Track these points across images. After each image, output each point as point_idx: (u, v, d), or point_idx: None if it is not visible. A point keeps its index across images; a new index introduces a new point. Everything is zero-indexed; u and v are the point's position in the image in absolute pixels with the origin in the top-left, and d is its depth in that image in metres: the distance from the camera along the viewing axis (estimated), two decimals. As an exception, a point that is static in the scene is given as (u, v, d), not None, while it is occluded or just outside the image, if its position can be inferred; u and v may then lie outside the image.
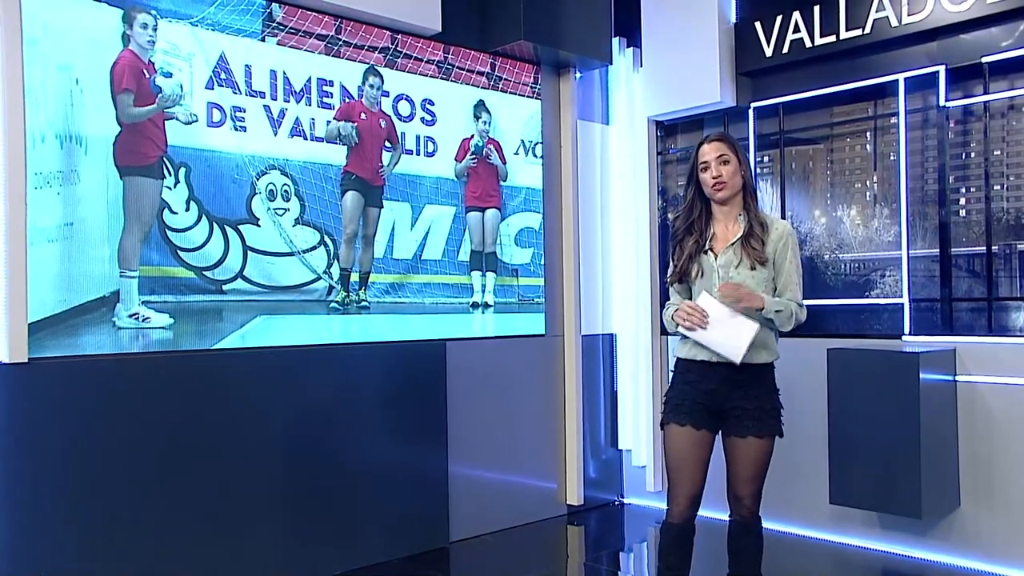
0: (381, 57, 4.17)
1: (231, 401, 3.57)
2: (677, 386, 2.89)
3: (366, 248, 4.10)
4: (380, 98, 4.16)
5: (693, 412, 2.81)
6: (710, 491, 2.87)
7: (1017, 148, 3.97)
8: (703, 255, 2.83)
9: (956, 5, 3.87)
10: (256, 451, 3.64)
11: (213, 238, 3.57)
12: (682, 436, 2.81)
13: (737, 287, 2.71)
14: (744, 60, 4.66)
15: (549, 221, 4.93)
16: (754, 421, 2.80)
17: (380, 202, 4.15)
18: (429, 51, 4.38)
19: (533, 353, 4.82)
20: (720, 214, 2.87)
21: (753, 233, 2.80)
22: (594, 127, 5.17)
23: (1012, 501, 3.75)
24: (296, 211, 3.84)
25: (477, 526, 4.49)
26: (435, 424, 4.31)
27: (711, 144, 2.85)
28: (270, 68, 3.76)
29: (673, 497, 2.86)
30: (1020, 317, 3.96)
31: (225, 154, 3.60)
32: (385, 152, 4.19)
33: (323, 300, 3.94)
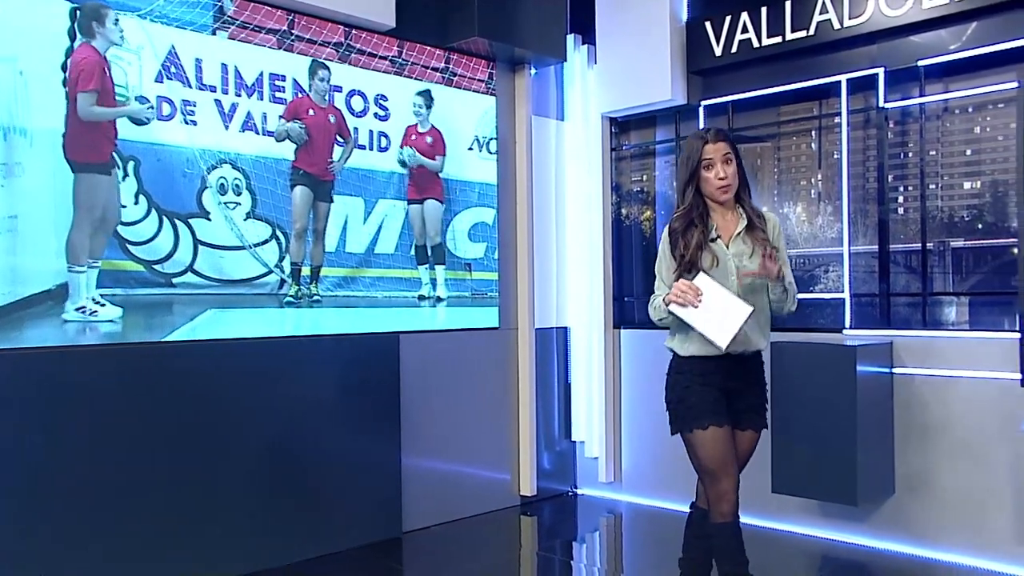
0: (334, 52, 4.19)
1: (182, 394, 3.59)
2: (698, 389, 2.80)
3: (316, 242, 4.13)
4: (330, 92, 4.18)
5: (719, 411, 2.79)
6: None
7: (951, 149, 4.11)
8: (712, 244, 2.78)
9: (894, 9, 3.99)
10: (208, 444, 3.66)
11: (163, 231, 3.58)
12: (720, 437, 2.78)
13: (777, 256, 2.70)
14: (695, 59, 4.75)
15: (503, 216, 4.99)
16: (756, 415, 2.88)
17: (330, 197, 4.18)
18: (383, 47, 4.41)
19: (487, 346, 4.88)
20: (717, 209, 2.85)
21: (755, 223, 2.81)
22: (549, 123, 5.23)
23: (944, 489, 3.89)
24: (248, 205, 3.86)
25: (430, 516, 4.55)
26: (388, 416, 4.36)
27: (715, 144, 2.77)
28: (221, 62, 3.77)
29: (722, 495, 2.81)
30: (953, 312, 4.11)
31: (175, 148, 3.61)
32: (337, 147, 4.22)
33: (275, 294, 3.97)
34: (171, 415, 3.55)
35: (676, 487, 4.81)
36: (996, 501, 3.73)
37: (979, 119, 4.04)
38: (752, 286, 2.77)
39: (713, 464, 2.80)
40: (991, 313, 3.95)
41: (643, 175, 5.30)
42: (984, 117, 4.02)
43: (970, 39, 3.88)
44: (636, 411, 5.06)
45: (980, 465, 3.79)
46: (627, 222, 5.33)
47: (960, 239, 4.09)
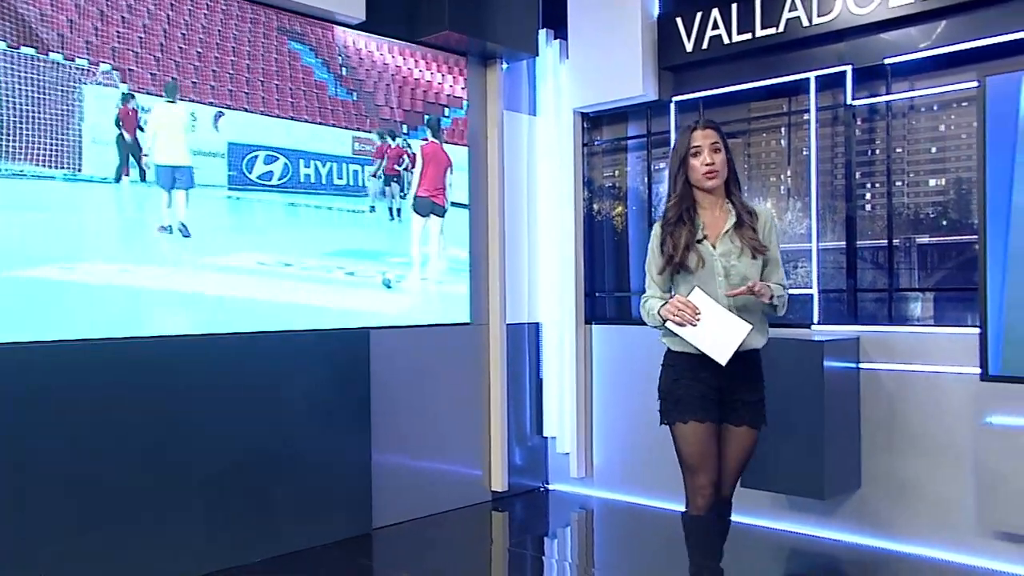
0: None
1: (148, 391, 3.55)
2: (686, 383, 2.84)
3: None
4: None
5: (708, 408, 2.83)
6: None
7: (916, 147, 4.16)
8: (699, 245, 2.80)
9: (861, 8, 4.02)
10: (177, 441, 3.62)
11: (127, 227, 3.52)
12: (702, 432, 2.82)
13: (764, 285, 2.71)
14: (666, 55, 4.76)
15: (475, 211, 4.97)
16: (752, 412, 2.88)
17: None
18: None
19: (458, 342, 4.87)
20: (706, 203, 2.85)
21: (744, 220, 2.81)
22: (521, 118, 5.22)
23: (910, 482, 3.95)
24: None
25: (401, 512, 4.53)
26: (359, 412, 4.33)
27: (704, 131, 2.81)
28: (186, 55, 3.73)
29: (698, 489, 2.85)
30: (918, 307, 4.16)
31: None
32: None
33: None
34: (137, 412, 3.51)
35: (647, 482, 4.85)
36: (959, 494, 3.79)
37: (944, 117, 4.08)
38: (743, 286, 2.77)
39: (691, 459, 2.84)
40: (955, 308, 4.00)
41: (615, 170, 5.30)
42: (949, 115, 4.06)
43: (934, 38, 3.92)
44: (607, 407, 5.08)
45: (944, 458, 3.84)
46: (599, 218, 5.33)
47: (925, 235, 4.14)
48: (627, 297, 5.21)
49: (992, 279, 3.39)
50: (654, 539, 4.39)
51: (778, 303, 2.82)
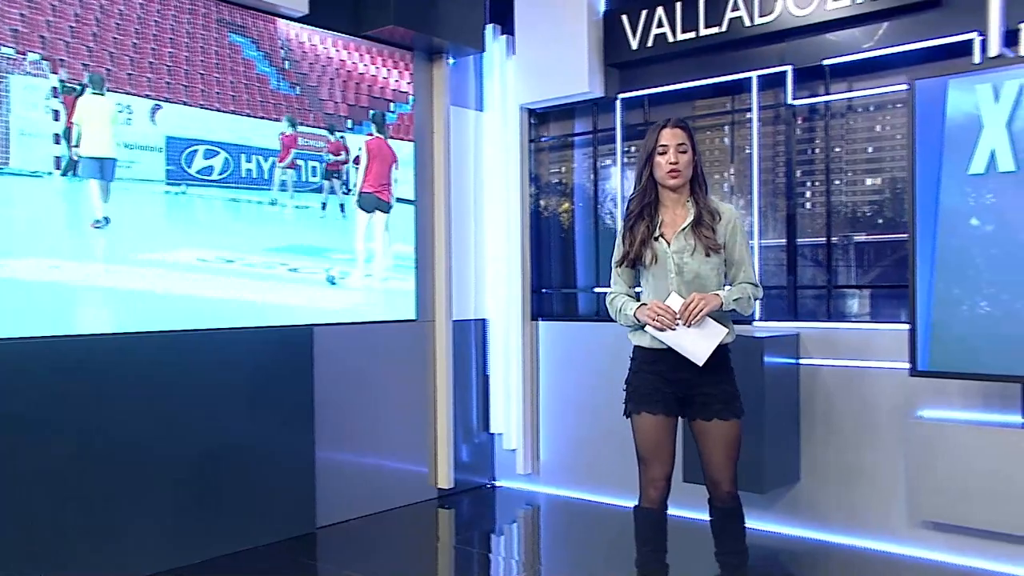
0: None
1: (88, 390, 3.48)
2: (644, 375, 2.91)
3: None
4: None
5: (664, 400, 2.87)
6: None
7: (854, 146, 4.24)
8: (654, 241, 2.86)
9: (801, 9, 4.08)
10: (116, 441, 3.55)
11: (58, 222, 3.42)
12: (655, 424, 2.87)
13: (702, 299, 2.75)
14: (612, 52, 4.78)
15: (421, 207, 4.94)
16: (720, 405, 2.88)
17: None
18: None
19: (404, 338, 4.84)
20: (668, 200, 2.90)
21: (703, 220, 2.85)
22: (468, 113, 5.20)
23: (847, 475, 4.03)
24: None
25: (345, 511, 4.50)
26: (302, 410, 4.29)
27: (672, 130, 2.85)
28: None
29: (649, 482, 2.91)
30: (856, 304, 4.25)
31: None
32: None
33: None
34: (71, 412, 3.43)
35: (594, 478, 4.89)
36: (892, 485, 3.89)
37: (880, 118, 4.17)
38: (697, 285, 2.84)
39: (643, 450, 2.91)
40: (890, 305, 4.09)
41: (562, 167, 5.32)
42: (884, 116, 4.15)
43: (872, 41, 3.99)
44: (554, 403, 5.09)
45: (878, 451, 3.94)
46: (546, 214, 5.34)
47: (863, 233, 4.22)
48: (574, 294, 5.23)
49: (921, 277, 3.47)
50: (600, 535, 4.42)
51: (736, 306, 2.87)
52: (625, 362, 4.61)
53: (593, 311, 5.09)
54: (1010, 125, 3.23)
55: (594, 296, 5.07)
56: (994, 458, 3.42)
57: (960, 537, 3.67)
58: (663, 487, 2.91)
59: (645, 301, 2.91)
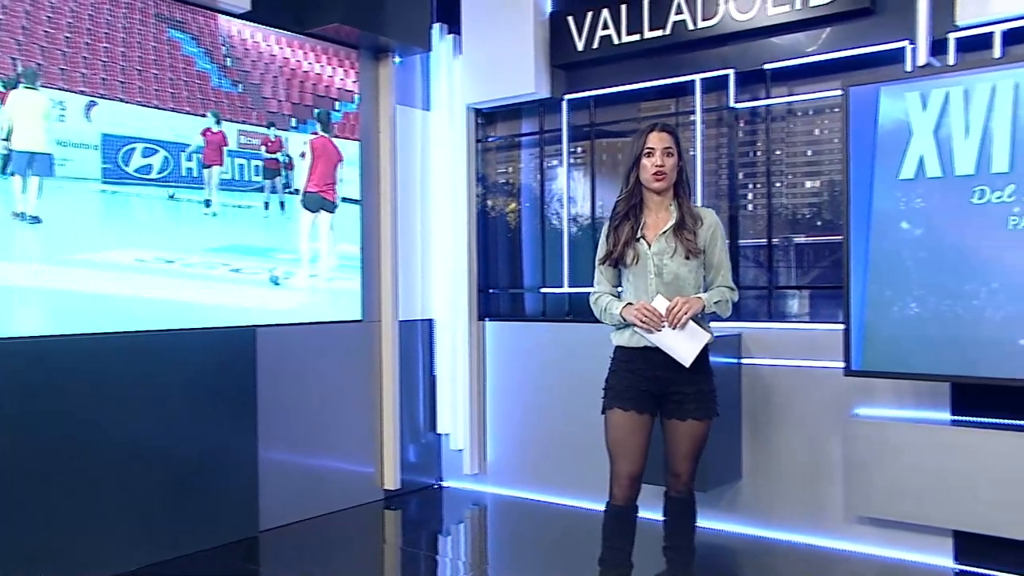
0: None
1: (24, 393, 3.39)
2: (620, 374, 2.98)
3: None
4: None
5: (637, 398, 2.93)
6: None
7: (794, 149, 4.31)
8: (636, 243, 2.94)
9: (742, 14, 4.14)
10: (51, 443, 3.46)
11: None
12: (626, 420, 2.93)
13: (686, 303, 2.84)
14: (558, 53, 4.79)
15: (367, 207, 4.90)
16: (695, 404, 2.94)
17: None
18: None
19: (349, 339, 4.80)
20: (652, 203, 2.98)
21: (685, 224, 2.93)
22: (414, 113, 5.17)
23: (788, 473, 4.11)
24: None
25: (290, 513, 4.45)
26: (244, 412, 4.23)
27: (659, 133, 2.94)
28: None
29: (615, 478, 2.98)
30: (796, 304, 4.33)
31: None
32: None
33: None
34: (11, 414, 3.35)
35: (541, 478, 4.91)
36: (829, 482, 3.97)
37: (818, 122, 4.25)
38: (676, 286, 2.92)
39: (612, 446, 2.98)
40: (829, 306, 4.17)
41: (509, 167, 5.32)
42: (823, 120, 4.23)
43: (809, 46, 4.06)
44: (501, 403, 5.10)
45: (816, 449, 4.02)
46: (493, 214, 5.34)
47: (802, 235, 4.30)
48: (521, 294, 5.24)
49: (855, 279, 3.55)
50: (547, 534, 4.43)
51: (716, 309, 2.98)
52: (572, 362, 4.72)
53: (540, 311, 5.11)
54: (937, 132, 3.32)
55: (541, 296, 5.09)
56: (925, 454, 3.52)
57: (893, 531, 3.76)
58: (628, 485, 2.97)
59: (629, 300, 2.98)
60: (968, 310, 3.29)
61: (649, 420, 2.97)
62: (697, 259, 2.95)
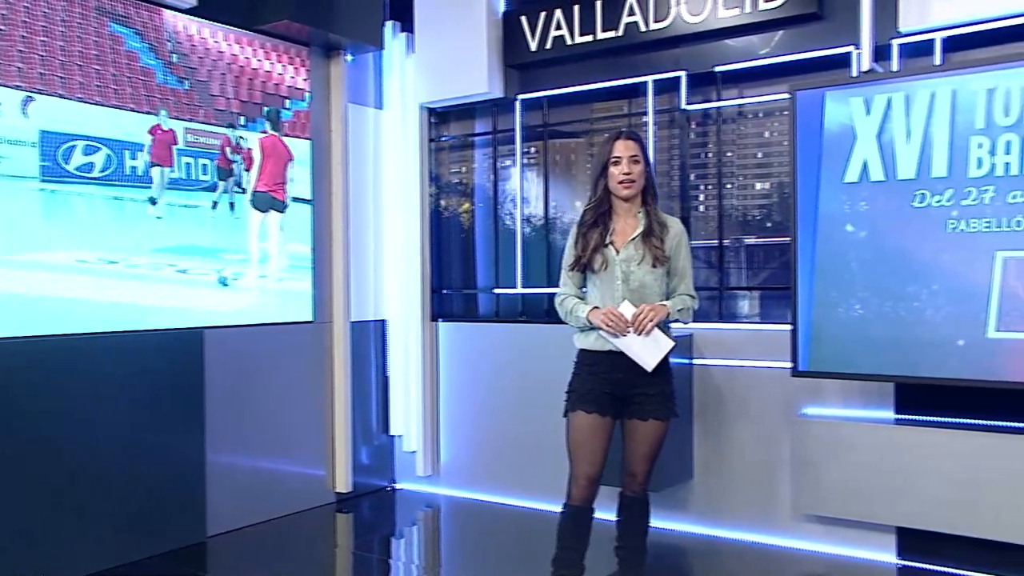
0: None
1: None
2: (583, 377, 3.01)
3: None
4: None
5: (599, 400, 2.96)
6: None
7: (744, 151, 4.36)
8: (605, 248, 2.98)
9: (693, 16, 4.17)
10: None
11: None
12: (587, 422, 2.96)
13: (652, 310, 2.89)
14: (511, 53, 4.78)
15: (318, 206, 4.84)
16: (656, 405, 2.98)
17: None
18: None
19: (300, 340, 4.74)
20: (621, 209, 3.03)
21: (653, 231, 2.98)
22: (367, 111, 5.12)
23: (738, 472, 4.15)
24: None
25: (238, 518, 4.38)
26: (191, 415, 4.16)
27: (625, 142, 2.99)
28: (-13, 35, 3.42)
29: (575, 479, 3.00)
30: (746, 305, 4.37)
31: None
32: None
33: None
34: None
35: (494, 479, 4.89)
36: (778, 481, 4.02)
37: (768, 124, 4.30)
38: (641, 293, 2.96)
39: (573, 448, 3.00)
40: (778, 306, 4.22)
41: (462, 167, 5.29)
42: (772, 123, 4.28)
43: (758, 49, 4.10)
44: (454, 404, 5.07)
45: (766, 448, 4.06)
46: (446, 214, 5.31)
47: (753, 236, 4.35)
48: (474, 294, 5.22)
49: (802, 280, 3.60)
50: (501, 536, 4.43)
51: (679, 316, 3.04)
52: (526, 362, 4.71)
53: (493, 312, 5.09)
54: (880, 137, 3.38)
55: (494, 297, 5.07)
56: (870, 453, 3.58)
57: (840, 528, 3.82)
58: (586, 486, 2.99)
59: (596, 305, 3.01)
60: (910, 311, 3.36)
61: (611, 423, 3.01)
62: (663, 266, 3.00)
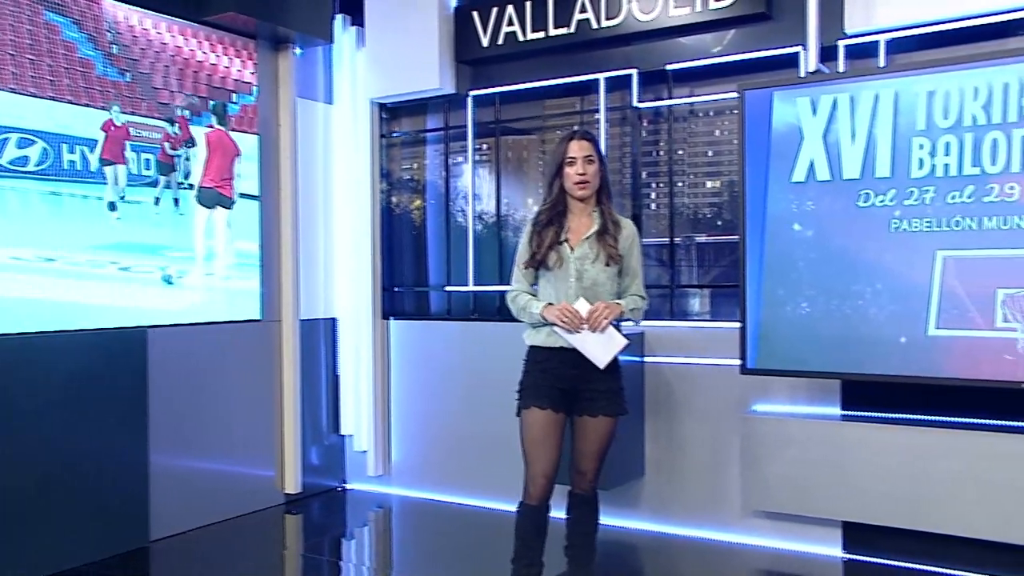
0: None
1: None
2: (534, 374, 3.01)
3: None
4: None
5: (551, 396, 2.96)
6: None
7: (695, 150, 4.38)
8: (560, 246, 2.98)
9: (645, 15, 4.17)
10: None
11: None
12: (541, 419, 2.96)
13: (607, 308, 2.90)
14: (463, 48, 4.73)
15: (267, 202, 4.75)
16: (606, 401, 2.99)
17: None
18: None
19: (248, 339, 4.64)
20: (576, 208, 3.04)
21: (608, 230, 3.01)
22: (316, 106, 5.03)
23: (689, 469, 4.17)
24: None
25: (183, 521, 4.29)
26: (134, 416, 4.05)
27: (579, 142, 3.00)
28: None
29: (531, 478, 2.99)
30: (697, 303, 4.40)
31: None
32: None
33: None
34: None
35: (446, 478, 4.86)
36: (728, 478, 4.05)
37: (719, 123, 4.32)
38: (594, 291, 2.97)
39: (529, 446, 2.98)
40: (728, 304, 4.25)
41: (414, 163, 5.24)
42: (723, 121, 4.30)
43: (709, 48, 4.12)
44: (406, 403, 5.02)
45: (716, 445, 4.09)
46: (397, 211, 5.26)
47: (703, 234, 4.37)
48: (426, 292, 5.18)
49: (751, 279, 3.63)
50: (453, 536, 4.39)
51: (631, 316, 3.06)
52: (478, 361, 4.68)
53: (445, 310, 5.05)
54: (826, 137, 3.42)
55: (446, 295, 5.04)
56: (816, 448, 3.63)
57: (787, 523, 3.87)
58: (544, 484, 2.99)
59: (550, 301, 3.00)
60: (855, 309, 3.40)
61: (564, 419, 3.02)
62: (617, 265, 3.02)
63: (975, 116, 3.17)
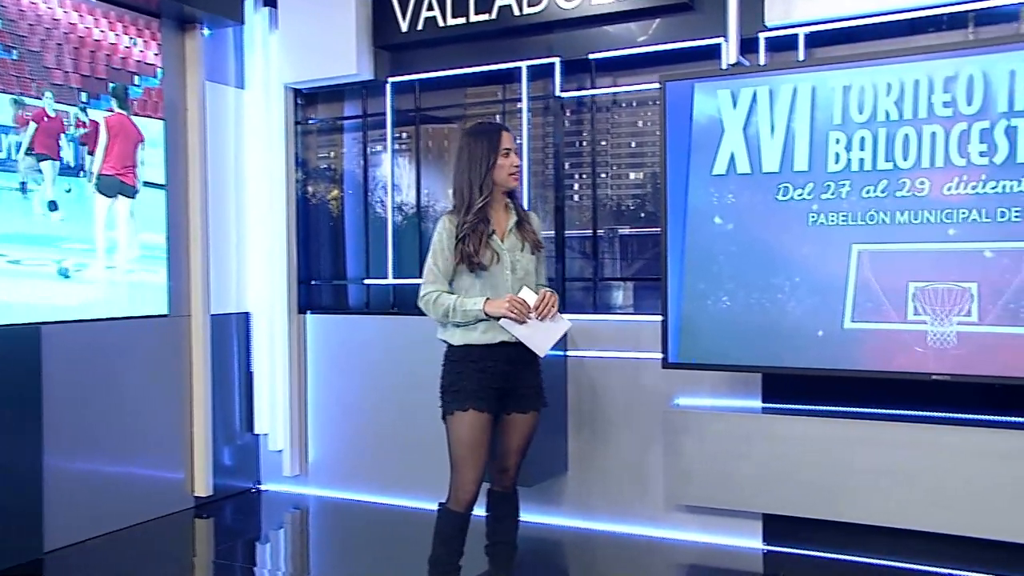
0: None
1: None
2: (469, 374, 2.89)
3: None
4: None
5: (488, 397, 2.90)
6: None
7: (618, 140, 4.33)
8: (490, 240, 2.94)
9: (568, 2, 4.09)
10: None
11: None
12: (480, 421, 2.88)
13: (553, 295, 2.91)
14: (381, 33, 4.58)
15: (173, 192, 4.51)
16: (535, 397, 3.02)
17: None
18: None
19: (154, 335, 4.41)
20: (497, 202, 3.00)
21: (524, 219, 3.02)
22: (227, 91, 4.80)
23: (612, 464, 4.13)
24: None
25: (82, 530, 4.04)
26: (26, 417, 3.80)
27: (509, 134, 2.99)
28: None
29: (462, 484, 2.90)
30: (620, 296, 4.36)
31: None
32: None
33: None
34: None
35: (365, 478, 4.72)
36: (651, 472, 4.03)
37: (642, 114, 4.28)
38: (525, 281, 2.96)
39: (464, 449, 2.88)
40: (651, 297, 4.22)
41: (331, 151, 5.06)
42: (645, 112, 4.26)
43: (632, 38, 4.07)
44: (323, 400, 4.86)
45: (640, 440, 4.06)
46: (314, 201, 5.07)
47: (627, 226, 4.33)
48: (343, 285, 5.01)
49: (672, 272, 3.59)
50: (372, 536, 4.27)
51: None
52: (397, 357, 4.54)
53: (363, 303, 4.90)
54: (746, 130, 3.40)
55: (365, 288, 4.88)
56: (737, 442, 3.63)
57: (709, 517, 3.87)
58: (474, 491, 2.92)
59: (486, 297, 2.89)
60: (774, 303, 3.40)
61: (493, 420, 2.95)
62: (538, 252, 3.04)
63: (888, 112, 3.20)
